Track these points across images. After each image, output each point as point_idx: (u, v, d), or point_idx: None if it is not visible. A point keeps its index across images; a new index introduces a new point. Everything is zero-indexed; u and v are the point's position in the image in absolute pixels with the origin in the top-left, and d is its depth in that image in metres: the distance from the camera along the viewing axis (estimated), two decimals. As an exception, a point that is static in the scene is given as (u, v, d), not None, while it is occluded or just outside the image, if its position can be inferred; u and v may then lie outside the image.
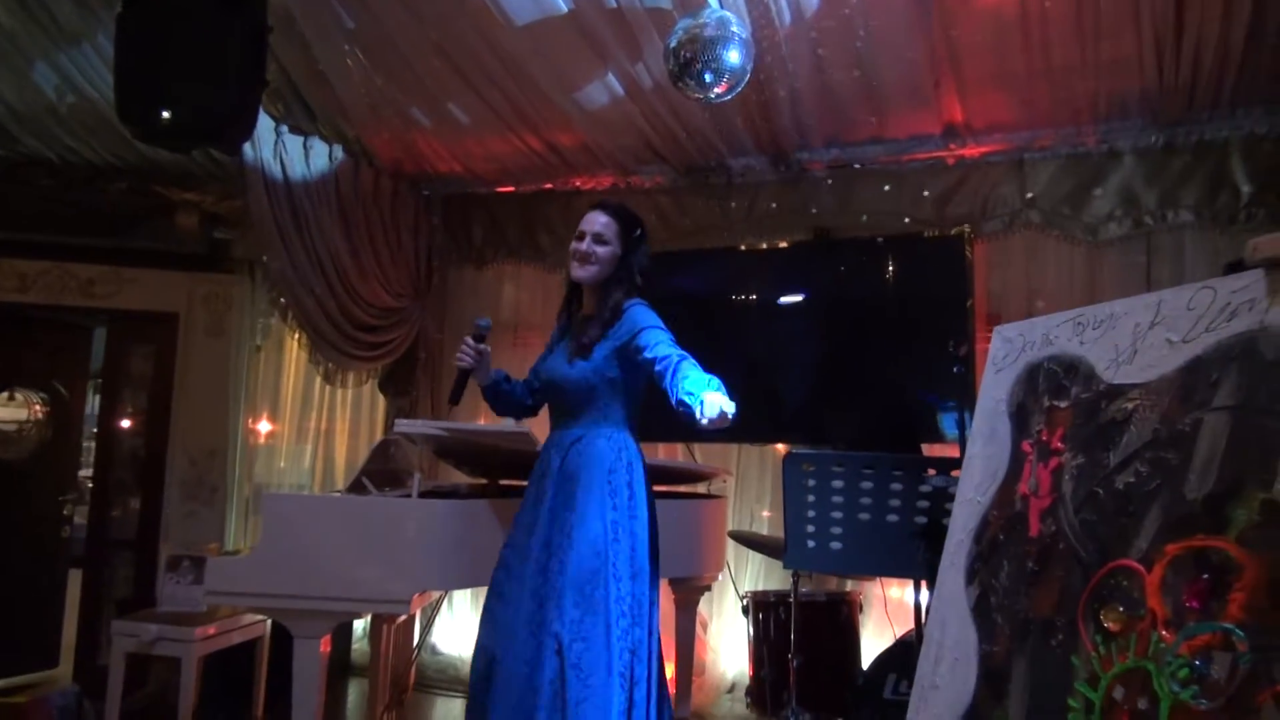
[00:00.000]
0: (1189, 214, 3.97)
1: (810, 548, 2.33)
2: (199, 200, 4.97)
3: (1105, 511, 1.20)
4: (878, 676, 3.27)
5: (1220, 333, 1.13)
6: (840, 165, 4.53)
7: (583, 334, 2.56)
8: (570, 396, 2.57)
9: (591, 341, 2.53)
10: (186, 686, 3.69)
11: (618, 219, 2.62)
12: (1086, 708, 1.13)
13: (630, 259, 2.62)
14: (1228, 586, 1.02)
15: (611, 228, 2.60)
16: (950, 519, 1.50)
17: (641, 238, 2.66)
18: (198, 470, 5.12)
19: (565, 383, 2.57)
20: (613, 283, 2.59)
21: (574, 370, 2.54)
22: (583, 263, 2.58)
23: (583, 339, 2.55)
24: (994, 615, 1.33)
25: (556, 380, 2.61)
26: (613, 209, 2.65)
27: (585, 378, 2.52)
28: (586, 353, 2.52)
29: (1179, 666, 1.04)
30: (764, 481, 4.72)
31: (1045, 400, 1.37)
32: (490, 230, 5.15)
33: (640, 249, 2.65)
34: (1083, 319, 1.34)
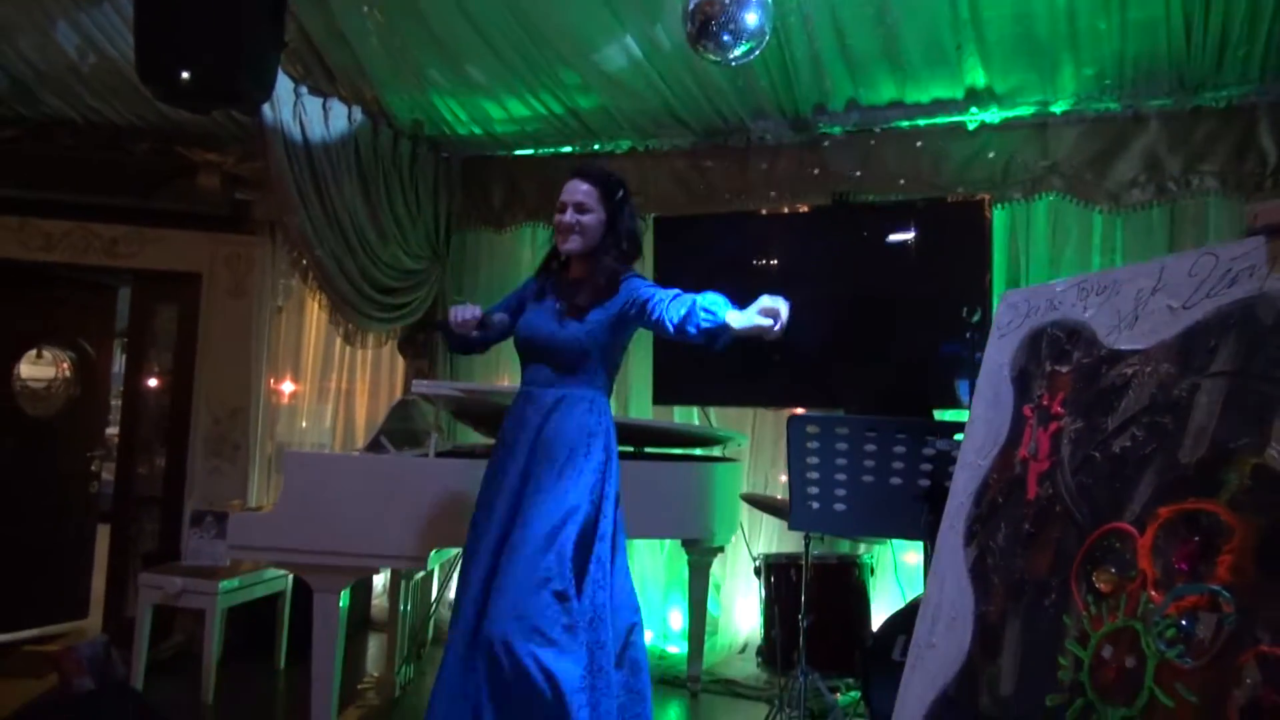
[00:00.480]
0: (1214, 180, 3.92)
1: (814, 509, 2.36)
2: (220, 161, 5.00)
3: (1101, 475, 1.21)
4: (887, 638, 3.30)
5: (1220, 299, 1.13)
6: (861, 129, 4.50)
7: (575, 297, 2.54)
8: (558, 357, 2.55)
9: (587, 306, 2.52)
10: (211, 637, 3.79)
11: (598, 184, 2.58)
12: (1075, 665, 1.16)
13: (616, 223, 2.59)
14: (1216, 549, 1.03)
15: (592, 195, 2.56)
16: (951, 482, 1.51)
17: (625, 199, 2.63)
18: (221, 428, 5.21)
19: (555, 343, 2.54)
20: (602, 249, 2.57)
21: (566, 332, 2.52)
22: (568, 235, 2.55)
23: (577, 302, 2.53)
24: (990, 576, 1.35)
25: (543, 339, 2.57)
26: (592, 175, 2.61)
27: (579, 341, 2.51)
28: (581, 316, 2.50)
29: (1166, 626, 1.06)
30: (780, 446, 4.72)
31: (1047, 365, 1.38)
32: (509, 193, 5.15)
33: (625, 211, 2.62)
34: (1087, 284, 1.34)
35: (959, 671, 1.34)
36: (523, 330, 2.64)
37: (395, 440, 3.69)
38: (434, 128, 4.89)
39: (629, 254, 2.62)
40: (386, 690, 3.97)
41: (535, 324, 2.60)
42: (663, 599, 4.84)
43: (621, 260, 2.59)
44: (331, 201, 4.32)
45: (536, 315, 2.62)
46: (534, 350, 2.62)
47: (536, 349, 2.60)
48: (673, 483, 3.74)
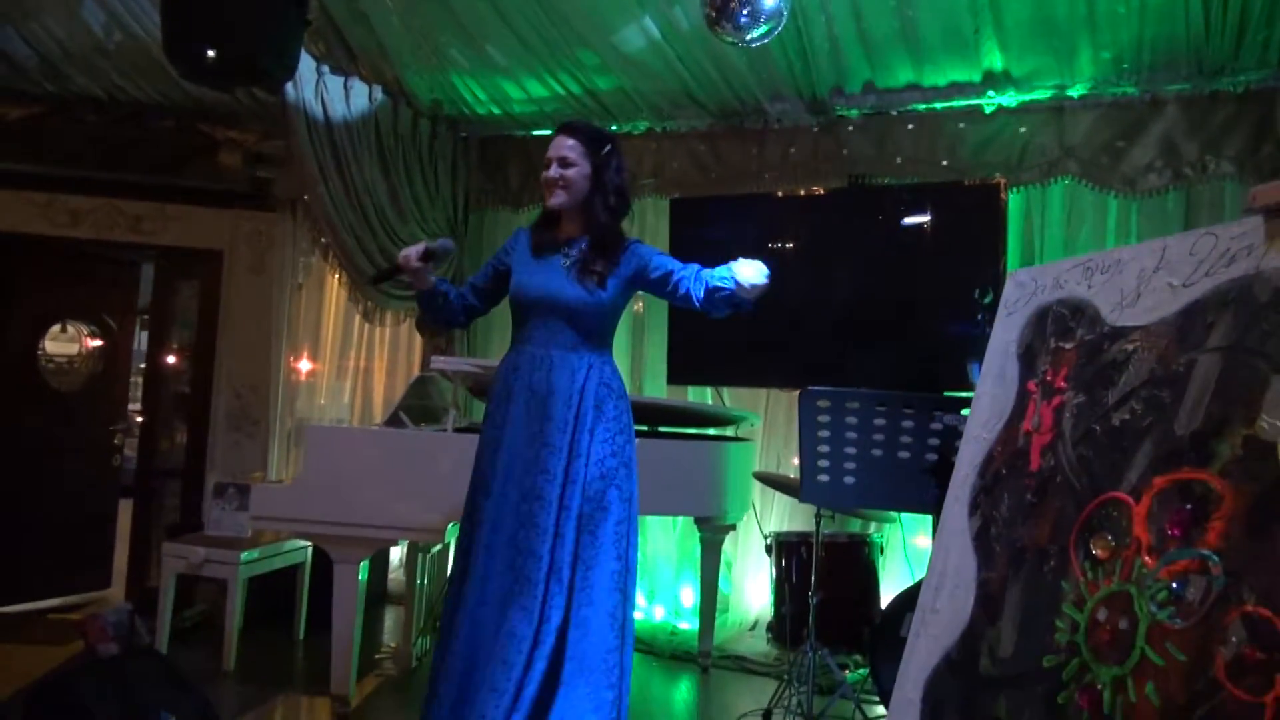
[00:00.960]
0: (1230, 165, 3.92)
1: (824, 482, 2.41)
2: (242, 139, 5.07)
3: (1100, 447, 1.26)
4: (895, 615, 3.36)
5: (1218, 277, 1.17)
6: (877, 112, 4.51)
7: (590, 263, 2.49)
8: (576, 319, 2.49)
9: (604, 271, 2.48)
10: (233, 606, 3.88)
11: (582, 138, 2.55)
12: (1072, 628, 1.21)
13: (603, 175, 2.54)
14: (1207, 516, 1.08)
15: (577, 149, 2.53)
16: (958, 455, 1.56)
17: (612, 153, 2.57)
18: (242, 403, 5.30)
19: (573, 304, 2.48)
20: (591, 204, 2.54)
21: (585, 294, 2.47)
22: (552, 189, 2.52)
23: (593, 268, 2.48)
24: (993, 544, 1.40)
25: (557, 299, 2.49)
26: (577, 129, 2.58)
27: (599, 303, 2.48)
28: (601, 280, 2.47)
29: (1158, 590, 1.10)
30: (792, 426, 4.77)
31: (1052, 342, 1.42)
32: (527, 173, 5.19)
33: (612, 164, 2.56)
34: (1091, 264, 1.38)
35: (961, 635, 1.39)
36: (531, 291, 2.53)
37: (413, 416, 3.76)
38: (453, 108, 4.93)
39: (617, 209, 2.58)
40: (403, 661, 4.06)
41: (544, 284, 2.52)
42: (674, 576, 4.90)
43: (610, 215, 2.56)
44: (352, 180, 4.38)
45: (544, 277, 2.53)
46: (546, 312, 2.52)
47: (550, 311, 2.51)
48: (687, 461, 3.80)
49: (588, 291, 2.47)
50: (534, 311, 2.53)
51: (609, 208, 2.55)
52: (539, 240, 2.61)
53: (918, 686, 1.44)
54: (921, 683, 1.44)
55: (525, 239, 2.65)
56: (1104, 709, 1.13)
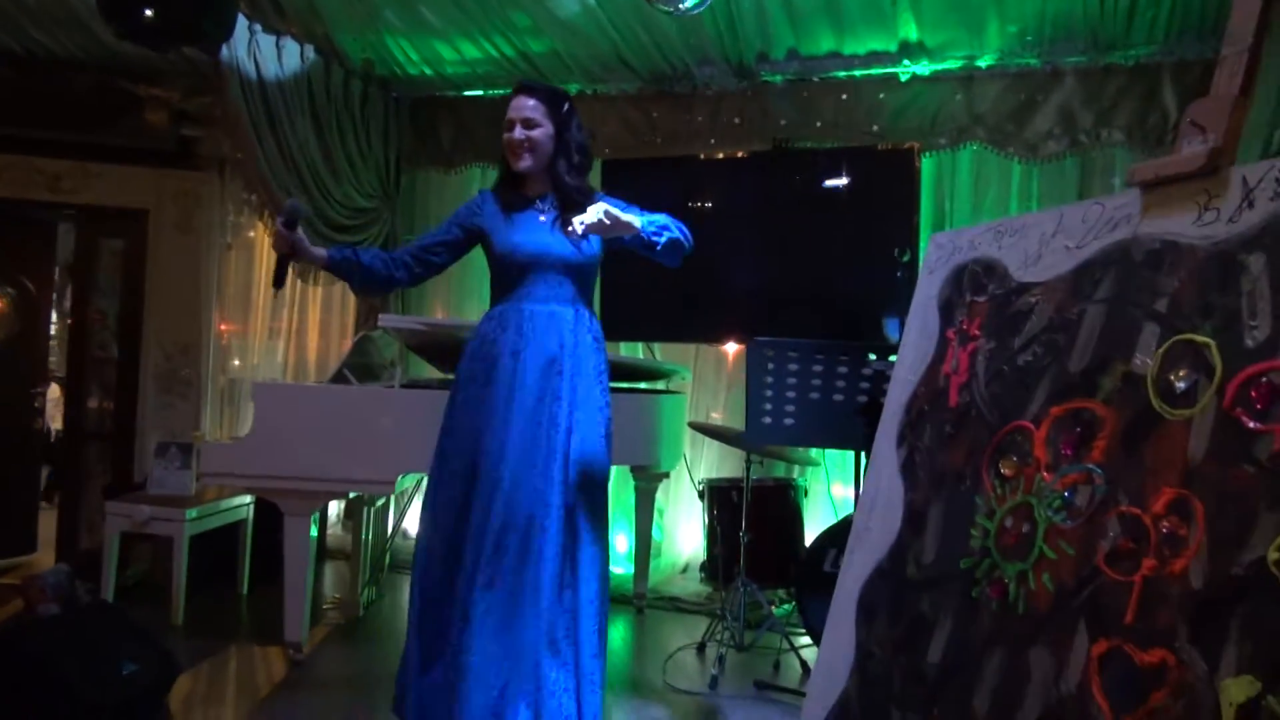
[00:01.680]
0: (1120, 133, 4.25)
1: (767, 424, 2.63)
2: (166, 96, 4.98)
3: (1008, 384, 1.49)
4: (818, 552, 3.63)
5: (1104, 240, 1.40)
6: (800, 78, 4.71)
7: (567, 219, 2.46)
8: (568, 274, 2.52)
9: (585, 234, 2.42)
10: (179, 563, 3.94)
11: (543, 98, 2.55)
12: (984, 535, 1.44)
13: (565, 134, 2.55)
14: (1093, 437, 1.31)
15: (539, 109, 2.52)
16: (886, 396, 1.78)
17: (571, 110, 2.59)
18: (172, 364, 5.27)
19: (567, 260, 2.51)
20: (556, 164, 2.55)
21: (576, 249, 2.51)
22: (518, 153, 2.52)
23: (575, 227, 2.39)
24: (918, 471, 1.63)
25: (549, 255, 2.51)
26: (536, 89, 2.58)
27: (588, 258, 2.53)
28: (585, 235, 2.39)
29: (1054, 499, 1.34)
30: (720, 379, 5.02)
31: (967, 296, 1.64)
32: (459, 134, 5.25)
33: (573, 123, 2.58)
34: (1001, 228, 1.60)
35: (891, 548, 1.62)
36: (522, 249, 2.52)
37: (357, 374, 3.85)
38: (384, 68, 4.94)
39: (580, 165, 2.60)
40: (350, 610, 4.18)
41: (532, 241, 2.52)
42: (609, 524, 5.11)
43: (574, 173, 2.57)
44: (287, 140, 4.38)
45: (526, 233, 2.54)
46: (537, 269, 2.52)
47: (541, 268, 2.52)
48: (625, 413, 3.98)
49: (577, 246, 2.50)
50: (531, 269, 2.52)
51: (574, 166, 2.57)
52: (508, 200, 2.61)
53: (853, 594, 1.67)
54: (856, 591, 1.67)
55: (492, 200, 2.64)
56: (1009, 597, 1.37)
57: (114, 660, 2.90)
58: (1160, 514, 1.18)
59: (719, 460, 4.90)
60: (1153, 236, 1.33)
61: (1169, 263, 1.29)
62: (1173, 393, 1.22)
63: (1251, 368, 1.14)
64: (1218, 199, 1.25)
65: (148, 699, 2.97)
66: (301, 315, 5.45)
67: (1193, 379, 1.20)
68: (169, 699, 3.06)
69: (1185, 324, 1.24)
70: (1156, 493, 1.19)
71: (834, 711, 1.63)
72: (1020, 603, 1.34)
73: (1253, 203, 1.20)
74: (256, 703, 3.12)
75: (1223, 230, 1.23)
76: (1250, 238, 1.19)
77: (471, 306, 5.27)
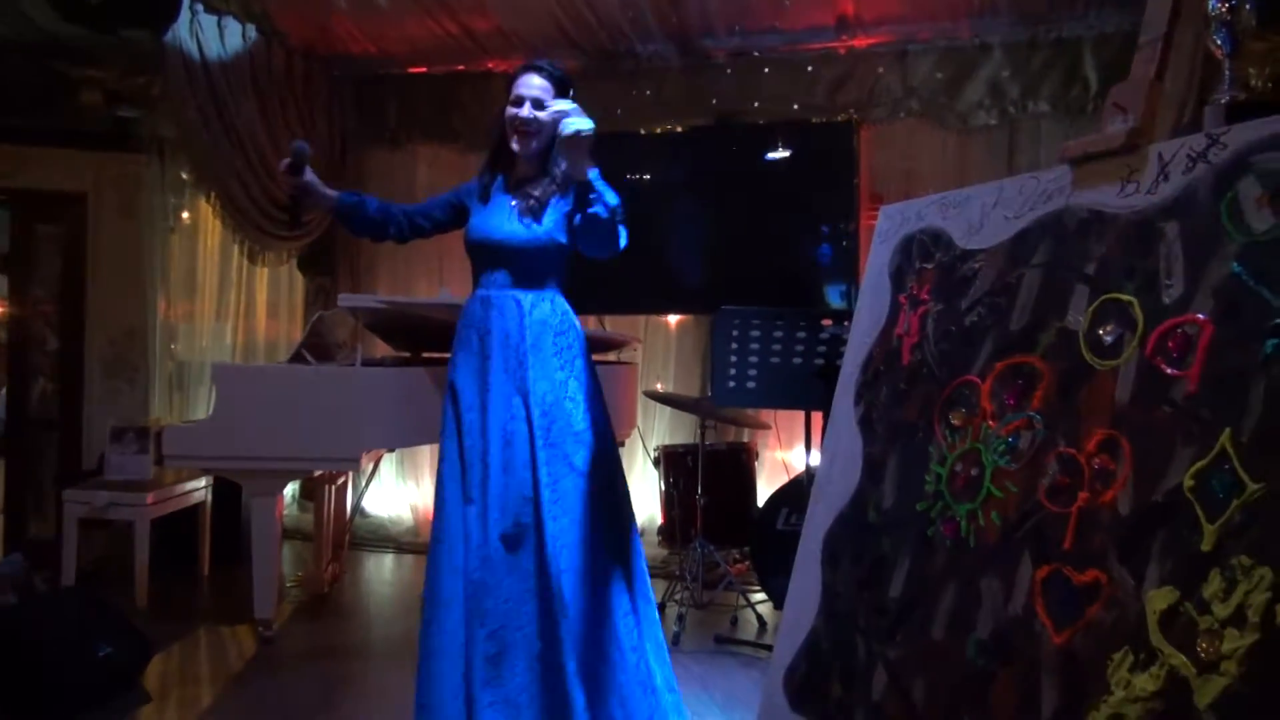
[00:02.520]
0: (1046, 104, 4.47)
1: (731, 387, 2.77)
2: (101, 77, 4.89)
3: (955, 342, 1.63)
4: (771, 511, 3.79)
5: (1040, 211, 1.55)
6: (741, 53, 4.83)
7: (533, 193, 2.44)
8: (521, 258, 2.47)
9: (543, 203, 2.44)
10: (141, 547, 3.94)
11: (553, 81, 2.49)
12: (937, 480, 1.59)
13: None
14: (1033, 388, 1.46)
15: (549, 91, 2.46)
16: (843, 359, 1.92)
17: (574, 97, 2.50)
18: (117, 350, 5.22)
19: (516, 244, 2.45)
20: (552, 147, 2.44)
21: (527, 232, 2.44)
22: (525, 134, 2.42)
23: (533, 202, 2.44)
24: (875, 425, 1.77)
25: (502, 240, 2.47)
26: (546, 70, 2.51)
27: (541, 240, 2.45)
28: (539, 213, 2.43)
29: (999, 444, 1.49)
30: (668, 353, 5.16)
31: (916, 263, 1.78)
32: (403, 112, 5.26)
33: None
34: (946, 200, 1.74)
35: (852, 496, 1.76)
36: (478, 234, 2.52)
37: (313, 354, 3.89)
38: (327, 46, 4.93)
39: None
40: (314, 587, 4.24)
41: (492, 226, 2.49)
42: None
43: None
44: (231, 120, 4.37)
45: (491, 216, 2.51)
46: (489, 253, 2.51)
47: (495, 252, 2.50)
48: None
49: (522, 226, 2.46)
50: (479, 256, 2.54)
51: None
52: (491, 183, 2.57)
53: (817, 541, 1.82)
54: (820, 538, 1.82)
55: (478, 183, 2.60)
56: (961, 534, 1.52)
57: (89, 643, 2.93)
58: (1092, 452, 1.34)
59: (670, 429, 5.04)
60: (1082, 207, 1.48)
61: (1096, 230, 1.44)
62: (1101, 346, 1.38)
63: (1168, 321, 1.30)
64: (1138, 173, 1.40)
65: (124, 679, 3.02)
66: (249, 297, 5.42)
67: (1118, 333, 1.36)
68: (144, 679, 3.10)
69: (1111, 285, 1.39)
70: (1089, 434, 1.35)
71: (804, 647, 1.78)
72: (971, 538, 1.50)
73: (1168, 176, 1.36)
74: (232, 678, 3.18)
75: (1142, 201, 1.39)
76: (1166, 207, 1.35)
77: (420, 285, 5.32)
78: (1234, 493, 1.15)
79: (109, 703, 2.90)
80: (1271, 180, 1.21)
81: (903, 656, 1.57)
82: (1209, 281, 1.25)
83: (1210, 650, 1.12)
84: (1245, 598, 1.10)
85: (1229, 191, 1.26)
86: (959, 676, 1.46)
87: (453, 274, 5.06)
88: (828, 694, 1.70)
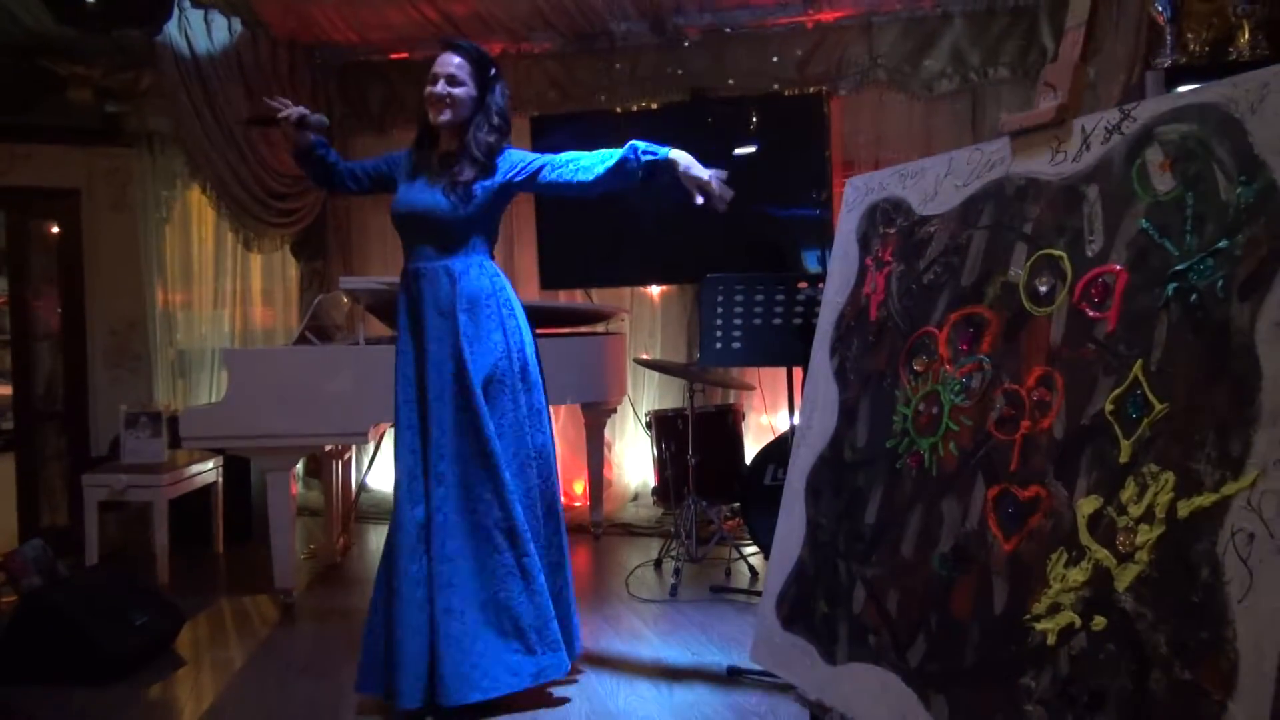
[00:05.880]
0: (1006, 70, 4.67)
1: (718, 348, 2.99)
2: (89, 74, 5.00)
3: (916, 298, 1.85)
4: (759, 468, 4.01)
5: (984, 179, 1.75)
6: (713, 29, 4.99)
7: (456, 172, 2.58)
8: (443, 229, 2.60)
9: (469, 180, 2.57)
10: (160, 527, 4.13)
11: (470, 59, 2.60)
12: (903, 419, 1.81)
13: (488, 99, 2.61)
14: (982, 334, 1.68)
15: (465, 69, 2.58)
16: (818, 318, 2.14)
17: (496, 76, 2.66)
18: (118, 340, 5.38)
19: (439, 216, 2.58)
20: (475, 124, 2.60)
21: (449, 205, 2.57)
22: (438, 107, 2.57)
23: (459, 177, 2.57)
24: (848, 375, 1.99)
25: (426, 211, 2.59)
26: (464, 49, 2.62)
27: (463, 212, 2.57)
28: (466, 190, 2.56)
29: (955, 385, 1.71)
30: (656, 320, 5.36)
31: (880, 229, 1.99)
32: (388, 98, 5.39)
33: (496, 88, 2.64)
34: (904, 171, 1.95)
35: (830, 439, 1.99)
36: (402, 207, 2.65)
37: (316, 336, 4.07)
38: (309, 35, 5.04)
39: (500, 129, 2.65)
40: (327, 558, 4.45)
41: (415, 199, 2.62)
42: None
43: (495, 135, 2.62)
44: (222, 112, 4.50)
45: (414, 192, 2.63)
46: (415, 227, 2.64)
47: (419, 223, 2.63)
48: (574, 354, 4.30)
49: (445, 201, 2.58)
50: (405, 230, 2.69)
51: (494, 128, 2.63)
52: (418, 159, 2.70)
53: (801, 479, 2.04)
54: (804, 478, 2.04)
55: (405, 158, 2.75)
56: (925, 465, 1.75)
57: (126, 613, 3.14)
58: (1032, 387, 1.57)
59: (659, 395, 5.26)
60: (1020, 175, 1.69)
61: (1032, 195, 1.65)
62: (1038, 295, 1.60)
63: (1091, 271, 1.52)
64: (1065, 144, 1.61)
65: (159, 646, 3.23)
66: (245, 283, 5.57)
67: (1051, 283, 1.58)
68: (176, 646, 3.31)
69: (1045, 241, 1.61)
70: (1029, 371, 1.57)
71: (792, 573, 2.01)
72: (933, 468, 1.72)
73: (1089, 146, 1.57)
74: (259, 641, 3.39)
75: (1069, 168, 1.60)
76: (1087, 174, 1.56)
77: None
78: (1144, 413, 1.37)
79: (149, 666, 3.11)
80: (1172, 148, 1.43)
81: (878, 574, 1.80)
82: (1123, 236, 1.47)
83: (1127, 544, 1.35)
84: (1154, 498, 1.33)
85: (1137, 158, 1.48)
86: (926, 586, 1.69)
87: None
88: (814, 612, 1.93)
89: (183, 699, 2.90)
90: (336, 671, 3.00)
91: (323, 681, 2.93)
